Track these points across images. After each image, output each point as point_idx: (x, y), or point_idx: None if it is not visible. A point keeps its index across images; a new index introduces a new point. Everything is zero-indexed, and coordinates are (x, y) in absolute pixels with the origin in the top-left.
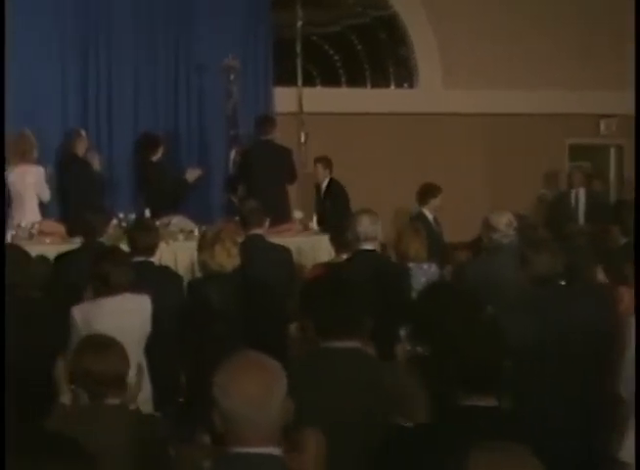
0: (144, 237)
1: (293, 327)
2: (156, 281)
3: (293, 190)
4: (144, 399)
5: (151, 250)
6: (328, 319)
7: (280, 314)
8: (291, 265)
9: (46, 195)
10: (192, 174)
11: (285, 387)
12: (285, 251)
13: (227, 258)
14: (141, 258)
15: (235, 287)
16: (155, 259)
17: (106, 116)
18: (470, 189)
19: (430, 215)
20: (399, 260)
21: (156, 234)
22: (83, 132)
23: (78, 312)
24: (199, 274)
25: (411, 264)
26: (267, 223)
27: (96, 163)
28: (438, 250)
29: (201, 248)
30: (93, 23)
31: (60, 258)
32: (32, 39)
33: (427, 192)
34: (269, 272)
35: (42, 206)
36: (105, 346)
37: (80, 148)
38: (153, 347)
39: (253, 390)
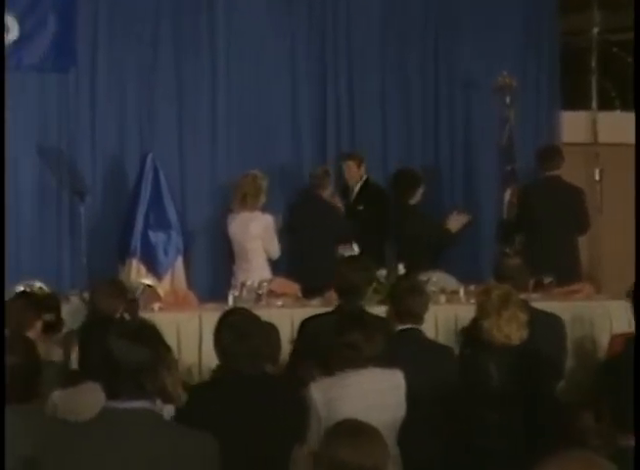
0: (413, 301)
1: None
2: (417, 353)
3: None
4: None
5: (419, 317)
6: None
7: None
8: (561, 338)
9: (275, 250)
10: (457, 222)
11: None
12: (556, 320)
13: (516, 329)
14: (406, 326)
15: (515, 365)
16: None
17: (347, 148)
18: None
19: None
20: None
21: (427, 298)
22: (330, 171)
23: (318, 390)
24: (460, 343)
25: None
26: (532, 283)
27: (341, 206)
28: None
29: (482, 313)
30: (331, 42)
31: (306, 323)
32: (266, 62)
33: None
34: (539, 347)
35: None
36: (363, 433)
37: (326, 189)
38: (407, 434)
39: None
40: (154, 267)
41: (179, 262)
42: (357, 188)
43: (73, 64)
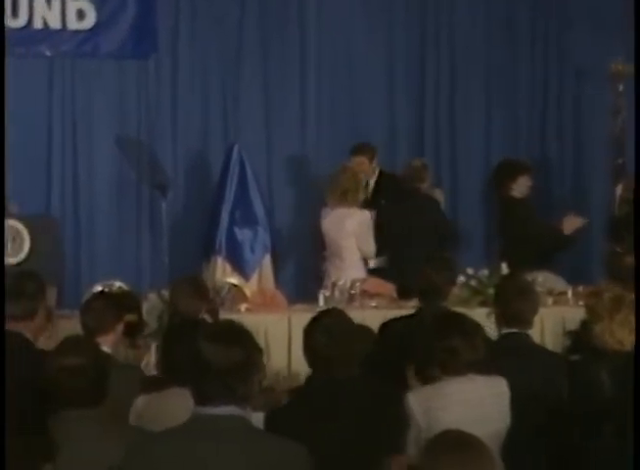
0: (522, 303)
1: None
2: (523, 360)
3: None
4: None
5: (527, 321)
6: None
7: None
8: None
9: (370, 249)
10: (572, 224)
11: None
12: None
13: (628, 333)
14: (511, 330)
15: (627, 373)
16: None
17: (447, 138)
18: None
19: None
20: None
21: (537, 300)
22: (427, 162)
23: (416, 399)
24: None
25: None
26: None
27: (440, 198)
28: None
29: (593, 316)
30: (432, 22)
31: (388, 325)
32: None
33: None
34: None
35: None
36: (470, 447)
37: (424, 182)
38: (511, 448)
39: None
40: (240, 266)
41: (267, 261)
42: (372, 182)
43: (154, 50)
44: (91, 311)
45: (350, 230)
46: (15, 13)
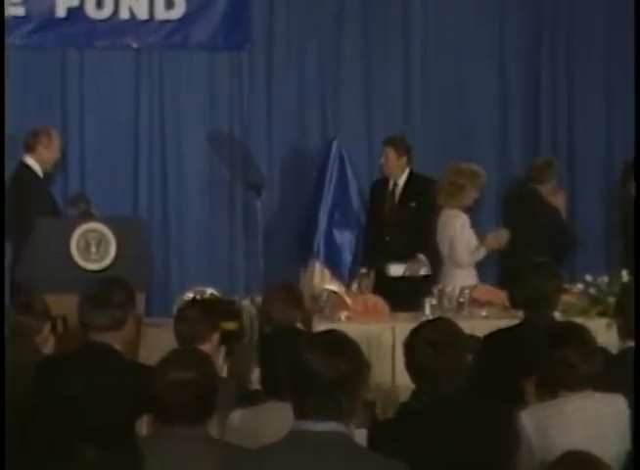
0: None
1: None
2: None
3: None
4: None
5: None
6: None
7: None
8: None
9: (464, 254)
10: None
11: None
12: None
13: None
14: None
15: None
16: None
17: (565, 138)
18: None
19: None
20: None
21: None
22: (553, 161)
23: (530, 417)
24: None
25: None
26: None
27: (561, 203)
28: None
29: None
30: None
31: (492, 336)
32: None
33: None
34: None
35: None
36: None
37: (547, 184)
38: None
39: None
40: (339, 271)
41: None
42: (402, 182)
43: (247, 41)
44: (186, 320)
45: (459, 233)
46: (99, 3)
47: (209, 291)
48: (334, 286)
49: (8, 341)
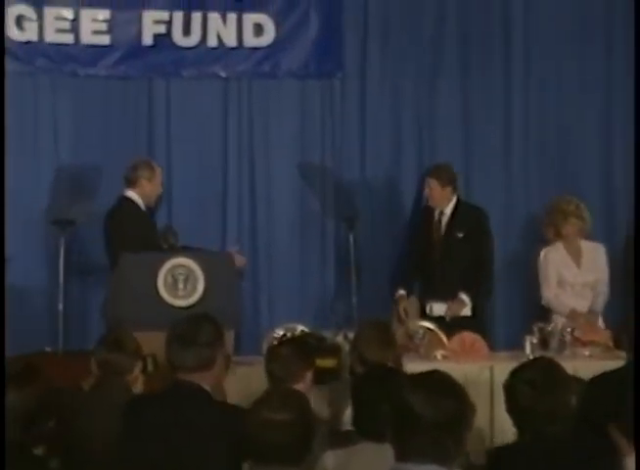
0: None
1: None
2: None
3: None
4: None
5: None
6: None
7: None
8: None
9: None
10: None
11: None
12: None
13: None
14: None
15: None
16: None
17: None
18: None
19: None
20: None
21: None
22: None
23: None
24: None
25: None
26: None
27: None
28: None
29: None
30: None
31: (596, 379)
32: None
33: None
34: None
35: None
36: None
37: None
38: None
39: None
40: None
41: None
42: (448, 211)
43: (339, 68)
44: (279, 358)
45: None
46: (186, 30)
47: (300, 328)
48: (430, 323)
49: (98, 379)
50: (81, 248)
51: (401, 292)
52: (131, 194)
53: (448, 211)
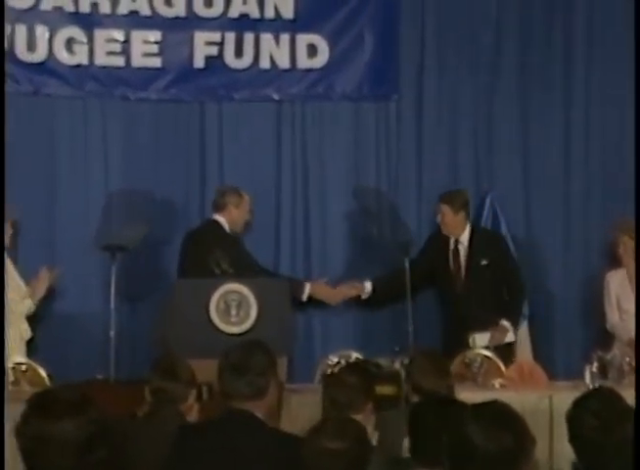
0: None
1: None
2: None
3: None
4: None
5: None
6: None
7: None
8: None
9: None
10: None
11: None
12: None
13: None
14: None
15: None
16: None
17: None
18: None
19: None
20: None
21: None
22: None
23: None
24: None
25: None
26: None
27: None
28: None
29: None
30: None
31: None
32: None
33: None
34: None
35: None
36: None
37: None
38: None
39: None
40: None
41: (524, 330)
42: (465, 239)
43: (395, 90)
44: (344, 386)
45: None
46: (239, 52)
47: (354, 355)
48: (487, 351)
49: (151, 407)
50: (133, 273)
51: None
52: (218, 217)
53: (465, 239)
